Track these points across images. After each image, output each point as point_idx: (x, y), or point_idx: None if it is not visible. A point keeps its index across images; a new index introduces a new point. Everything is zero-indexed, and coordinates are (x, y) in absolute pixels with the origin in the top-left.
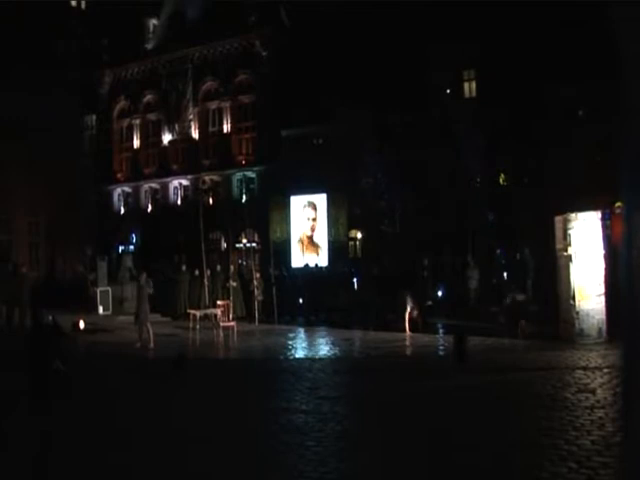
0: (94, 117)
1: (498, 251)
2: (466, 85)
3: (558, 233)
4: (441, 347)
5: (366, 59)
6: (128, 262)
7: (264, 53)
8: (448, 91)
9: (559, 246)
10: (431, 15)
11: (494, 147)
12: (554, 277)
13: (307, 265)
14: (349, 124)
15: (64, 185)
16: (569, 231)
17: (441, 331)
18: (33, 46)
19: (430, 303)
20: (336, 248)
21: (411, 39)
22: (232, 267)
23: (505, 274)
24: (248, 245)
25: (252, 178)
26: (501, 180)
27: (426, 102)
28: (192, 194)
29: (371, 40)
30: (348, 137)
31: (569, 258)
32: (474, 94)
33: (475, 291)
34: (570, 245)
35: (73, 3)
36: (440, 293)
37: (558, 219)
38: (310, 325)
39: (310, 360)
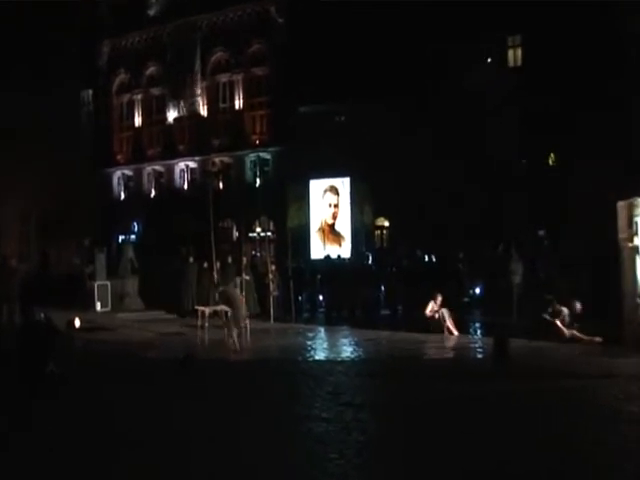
0: (90, 92)
1: (546, 242)
2: (511, 53)
3: (621, 221)
4: (479, 349)
5: (396, 25)
6: (129, 253)
7: (280, 20)
8: (489, 60)
9: (622, 236)
10: None
11: (543, 123)
12: (616, 271)
13: (328, 257)
14: (376, 99)
15: (58, 168)
16: (635, 219)
17: (479, 331)
18: (27, 16)
19: (467, 300)
20: (361, 238)
21: (447, 2)
22: (245, 259)
23: (551, 268)
24: (262, 234)
25: (267, 160)
26: (550, 161)
27: (465, 73)
28: (200, 178)
29: (402, 2)
30: (374, 114)
31: (635, 250)
32: (519, 63)
33: (518, 287)
34: (636, 235)
35: None
36: (478, 289)
37: (621, 205)
38: (331, 324)
39: (331, 362)
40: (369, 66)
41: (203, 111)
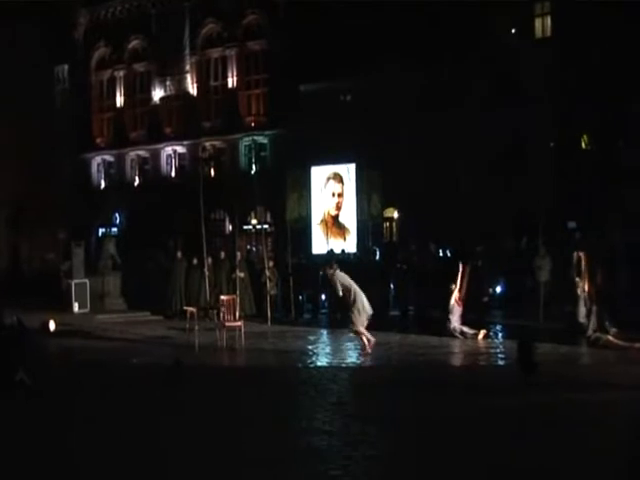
0: (66, 68)
1: (578, 235)
2: (538, 22)
3: None
4: (500, 355)
5: None
6: (111, 248)
7: None
8: (514, 31)
9: None
10: None
11: (574, 101)
12: None
13: (331, 251)
14: (386, 77)
15: (30, 153)
16: None
17: (500, 335)
18: None
19: (486, 299)
20: (367, 231)
21: None
22: (239, 254)
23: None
24: (259, 227)
25: (264, 144)
26: (583, 144)
27: (485, 48)
28: (190, 164)
29: None
30: (384, 93)
31: None
32: (548, 33)
33: (546, 285)
34: None
35: None
36: (499, 288)
37: None
38: (335, 326)
39: (335, 369)
40: (378, 38)
41: (192, 90)
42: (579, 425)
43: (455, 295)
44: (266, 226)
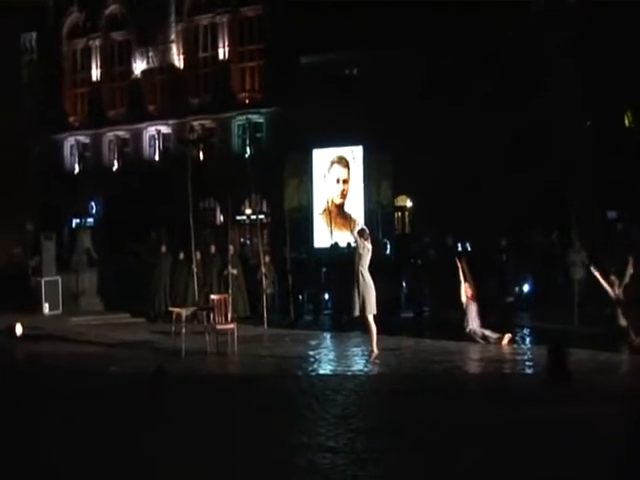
0: (34, 36)
1: (619, 226)
2: None
3: None
4: (528, 362)
5: None
6: (86, 241)
7: None
8: None
9: None
10: None
11: (614, 74)
12: None
13: (336, 245)
14: (396, 45)
15: None
16: None
17: (528, 340)
18: None
19: (511, 300)
20: (377, 222)
21: None
22: (232, 248)
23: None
24: (254, 218)
25: (259, 124)
26: (627, 121)
27: (506, 14)
28: (176, 146)
29: None
30: (395, 64)
31: None
32: None
33: (581, 283)
34: None
35: None
36: (526, 286)
37: None
38: (340, 329)
39: (340, 378)
40: (388, 2)
41: (178, 62)
42: (615, 441)
43: (465, 291)
44: (262, 216)
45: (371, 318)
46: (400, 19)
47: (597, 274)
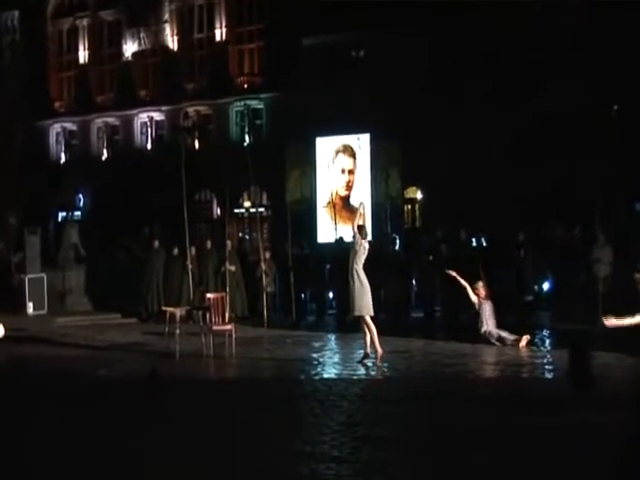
0: (17, 15)
1: None
2: None
3: None
4: (548, 366)
5: None
6: (73, 236)
7: None
8: None
9: None
10: None
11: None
12: None
13: (341, 240)
14: (406, 25)
15: None
16: None
17: (548, 342)
18: None
19: (530, 298)
20: (385, 215)
21: None
22: (229, 243)
23: None
24: (253, 211)
25: (259, 110)
26: None
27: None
28: (169, 134)
29: None
30: (404, 46)
31: None
32: None
33: (606, 281)
34: None
35: None
36: (546, 284)
37: None
38: (345, 329)
39: (345, 382)
40: None
41: (172, 44)
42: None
43: (479, 290)
44: (262, 209)
45: (368, 318)
46: None
47: None
